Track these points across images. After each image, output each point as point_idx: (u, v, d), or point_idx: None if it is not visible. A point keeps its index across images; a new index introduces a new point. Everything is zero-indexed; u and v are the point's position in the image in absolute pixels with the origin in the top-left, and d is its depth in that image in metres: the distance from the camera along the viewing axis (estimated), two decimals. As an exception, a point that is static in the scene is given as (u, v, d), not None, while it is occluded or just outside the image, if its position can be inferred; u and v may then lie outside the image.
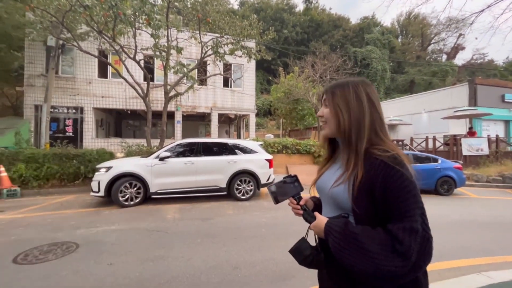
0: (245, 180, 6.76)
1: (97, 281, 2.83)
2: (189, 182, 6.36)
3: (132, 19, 8.19)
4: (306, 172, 9.62)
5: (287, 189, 1.06)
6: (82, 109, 13.48)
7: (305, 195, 1.13)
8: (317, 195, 1.16)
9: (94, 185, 5.89)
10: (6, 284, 2.77)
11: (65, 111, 13.36)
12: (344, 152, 0.97)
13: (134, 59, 9.25)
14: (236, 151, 6.93)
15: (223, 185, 6.56)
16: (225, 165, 6.62)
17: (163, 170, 6.16)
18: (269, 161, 7.10)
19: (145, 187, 6.06)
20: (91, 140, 13.38)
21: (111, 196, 5.83)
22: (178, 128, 15.19)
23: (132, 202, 5.96)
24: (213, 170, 6.55)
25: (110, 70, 13.64)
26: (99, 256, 3.40)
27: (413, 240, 0.75)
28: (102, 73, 13.93)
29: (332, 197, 0.96)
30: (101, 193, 5.79)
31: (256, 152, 7.11)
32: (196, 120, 19.67)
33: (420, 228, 0.77)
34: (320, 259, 1.00)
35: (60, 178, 7.67)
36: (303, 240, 1.04)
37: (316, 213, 0.97)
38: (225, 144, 7.04)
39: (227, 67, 15.59)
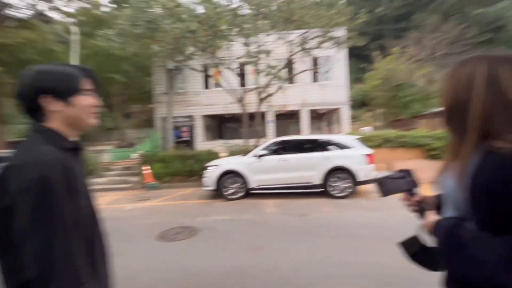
0: (341, 177, 6.45)
1: (215, 261, 3.36)
2: (283, 179, 6.61)
3: (227, 33, 9.20)
4: (415, 167, 8.26)
5: (397, 183, 1.00)
6: (193, 117, 16.14)
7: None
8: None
9: (206, 180, 6.97)
10: (153, 255, 3.66)
11: (182, 120, 16.34)
12: (455, 144, 0.82)
13: (230, 68, 10.35)
14: (329, 147, 6.70)
15: (318, 182, 6.48)
16: (318, 161, 6.51)
17: (260, 167, 6.65)
18: (368, 156, 6.51)
19: (246, 183, 6.70)
20: (201, 143, 15.83)
21: (219, 190, 6.75)
22: (271, 127, 15.96)
23: (235, 196, 6.71)
24: (306, 167, 6.56)
25: (212, 81, 15.75)
26: (215, 241, 4.02)
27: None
28: (206, 85, 16.25)
29: (448, 196, 0.86)
30: (211, 187, 6.80)
31: (352, 147, 6.66)
32: (287, 118, 20.09)
33: None
34: (432, 259, 0.90)
35: (182, 174, 9.45)
36: (415, 236, 0.98)
37: (428, 212, 0.89)
38: (318, 140, 6.92)
39: (315, 61, 15.20)
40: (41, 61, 12.16)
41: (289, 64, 12.27)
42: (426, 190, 1.08)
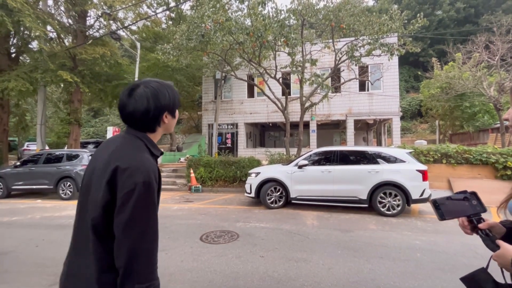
0: (390, 193, 5.96)
1: (253, 268, 3.38)
2: (326, 191, 6.37)
3: (273, 43, 9.40)
4: (482, 188, 7.21)
5: (460, 206, 0.91)
6: (237, 125, 16.69)
7: (487, 216, 0.90)
8: (509, 217, 0.91)
9: (247, 187, 7.09)
10: (196, 254, 3.83)
11: (226, 127, 17.02)
12: None
13: (275, 78, 10.50)
14: (378, 160, 6.27)
15: (363, 196, 6.08)
16: (365, 175, 6.13)
17: (301, 178, 6.53)
18: (423, 172, 5.91)
19: (286, 192, 6.63)
20: (243, 150, 16.22)
21: (259, 198, 6.80)
22: (313, 137, 15.63)
23: (276, 205, 6.68)
24: (352, 180, 6.22)
25: (255, 90, 16.15)
26: (253, 248, 4.05)
27: None
28: (250, 94, 16.72)
29: None
30: (252, 194, 6.88)
31: (404, 162, 6.13)
32: (331, 128, 19.48)
33: None
34: None
35: (224, 179, 9.78)
36: (483, 270, 0.87)
37: (500, 241, 0.80)
38: (364, 152, 6.54)
39: (363, 69, 14.53)
40: (111, 73, 13.96)
41: (335, 73, 11.96)
42: (499, 215, 0.95)
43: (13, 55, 13.50)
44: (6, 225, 5.61)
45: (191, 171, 9.84)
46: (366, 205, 6.10)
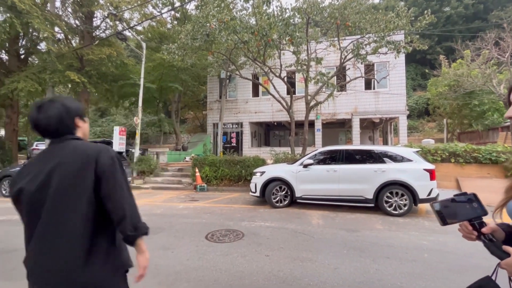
0: (396, 193, 5.89)
1: (258, 267, 3.37)
2: (331, 190, 6.32)
3: (278, 42, 9.36)
4: (490, 188, 7.08)
5: (460, 209, 0.87)
6: (241, 124, 16.70)
7: (488, 219, 0.87)
8: (508, 220, 0.87)
9: (252, 186, 7.09)
10: (201, 253, 3.84)
11: (231, 126, 17.04)
12: None
13: (279, 76, 10.47)
14: (384, 159, 6.20)
15: (369, 196, 6.02)
16: (371, 174, 6.07)
17: (306, 177, 6.50)
18: (430, 171, 5.82)
19: (291, 191, 6.61)
20: (248, 149, 16.23)
21: (265, 197, 6.79)
22: (318, 136, 15.54)
23: (281, 204, 6.67)
24: (357, 179, 6.17)
25: (260, 89, 16.13)
26: (258, 247, 4.04)
27: None
28: (255, 93, 16.70)
29: None
30: (257, 193, 6.88)
31: (411, 161, 6.05)
32: (336, 127, 19.35)
33: None
34: None
35: (229, 179, 9.80)
36: (489, 280, 0.83)
37: (509, 248, 0.76)
38: (371, 151, 6.47)
39: (369, 67, 14.38)
40: (117, 73, 14.11)
41: (340, 71, 11.86)
42: (494, 217, 0.92)
43: (22, 57, 13.74)
44: (15, 223, 5.72)
45: (196, 170, 9.89)
46: (372, 205, 6.04)
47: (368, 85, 15.27)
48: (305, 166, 6.55)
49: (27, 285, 1.17)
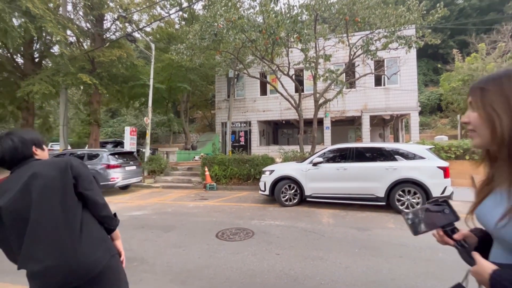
0: (409, 191, 5.78)
1: (269, 266, 3.38)
2: (341, 188, 6.26)
3: (286, 40, 9.30)
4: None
5: (432, 218, 0.88)
6: (250, 123, 16.71)
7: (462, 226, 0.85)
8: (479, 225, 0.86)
9: (261, 185, 7.10)
10: (212, 251, 3.88)
11: (239, 125, 17.08)
12: (505, 172, 0.72)
13: (287, 74, 10.40)
14: (396, 156, 6.08)
15: (381, 194, 5.93)
16: (383, 172, 5.97)
17: (316, 175, 6.45)
18: (444, 169, 5.68)
19: (301, 190, 6.58)
20: (257, 148, 16.24)
21: (274, 195, 6.79)
22: (327, 133, 15.39)
23: (290, 203, 6.65)
24: (368, 177, 6.08)
25: (268, 88, 16.08)
26: (269, 245, 4.05)
27: None
28: (263, 91, 16.67)
29: (499, 238, 0.74)
30: (267, 192, 6.88)
31: (424, 158, 5.91)
32: (345, 125, 19.11)
33: None
34: None
35: (238, 177, 9.84)
36: (459, 287, 0.84)
37: (476, 255, 0.75)
38: (381, 149, 6.36)
39: (379, 64, 14.11)
40: (127, 74, 14.34)
41: (349, 68, 11.69)
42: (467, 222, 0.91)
43: (36, 60, 14.15)
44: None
45: (206, 169, 9.97)
46: (384, 203, 5.95)
47: (378, 82, 15.00)
48: (315, 164, 6.50)
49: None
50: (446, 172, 5.68)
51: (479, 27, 22.70)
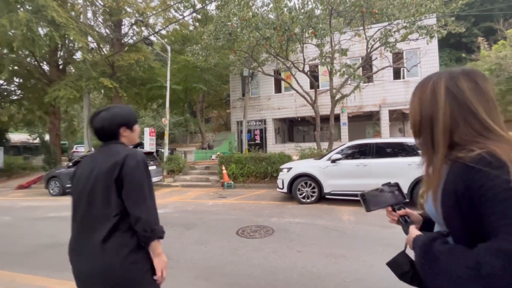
0: (434, 187, 5.55)
1: (291, 263, 3.38)
2: (362, 185, 6.09)
3: (300, 35, 9.19)
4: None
5: (383, 197, 1.02)
6: (265, 121, 16.70)
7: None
8: None
9: (279, 182, 7.09)
10: (233, 248, 3.93)
11: (254, 123, 17.11)
12: (427, 158, 0.86)
13: (303, 71, 10.29)
14: (419, 151, 5.84)
15: (404, 190, 5.72)
16: (405, 168, 5.77)
17: (335, 172, 6.35)
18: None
19: (319, 187, 6.50)
20: (272, 146, 16.21)
21: (292, 193, 6.76)
22: (344, 130, 15.08)
23: (308, 200, 6.59)
24: (390, 174, 5.89)
25: (283, 85, 15.98)
26: (289, 243, 4.04)
27: (500, 264, 0.57)
28: (277, 89, 16.59)
29: (429, 212, 0.88)
30: (285, 189, 6.86)
31: (449, 153, 5.65)
32: (363, 120, 18.62)
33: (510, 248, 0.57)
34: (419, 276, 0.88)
35: (255, 175, 9.88)
36: (402, 254, 0.99)
37: (411, 227, 0.89)
38: (403, 144, 6.15)
39: (398, 56, 13.61)
40: (145, 77, 14.77)
41: (367, 62, 11.37)
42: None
43: (60, 67, 14.90)
44: (64, 219, 6.27)
45: (223, 167, 10.08)
46: (407, 200, 5.73)
47: (397, 75, 14.48)
48: (333, 161, 6.40)
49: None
50: (474, 167, 5.39)
51: (506, 13, 21.28)
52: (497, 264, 0.57)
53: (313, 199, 6.58)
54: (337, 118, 14.40)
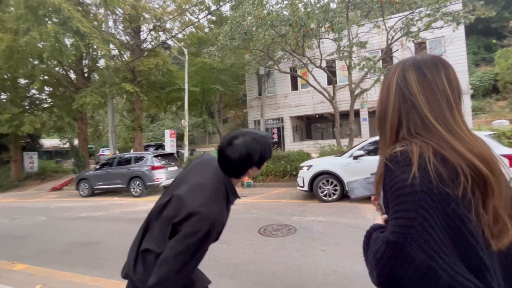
0: (466, 183, 5.22)
1: (315, 262, 3.32)
2: (386, 182, 5.89)
3: (317, 31, 9.01)
4: None
5: (369, 186, 1.05)
6: (282, 119, 16.60)
7: None
8: None
9: (299, 180, 7.00)
10: (256, 247, 3.93)
11: (271, 122, 17.06)
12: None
13: (320, 66, 10.09)
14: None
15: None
16: (433, 163, 5.47)
17: (358, 169, 6.16)
18: (509, 157, 5.01)
19: (342, 184, 6.35)
20: (290, 144, 16.08)
21: (312, 191, 6.66)
22: (365, 125, 14.64)
23: (330, 198, 6.46)
24: (416, 169, 5.63)
25: (299, 82, 15.78)
26: (313, 242, 3.98)
27: (388, 252, 0.62)
28: (294, 86, 16.42)
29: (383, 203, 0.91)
30: (305, 188, 6.77)
31: (482, 146, 5.29)
32: (384, 115, 17.97)
33: (392, 239, 0.61)
34: None
35: (274, 174, 9.84)
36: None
37: (380, 217, 0.88)
38: (430, 138, 5.84)
39: (421, 46, 12.98)
40: (164, 80, 15.17)
41: (387, 54, 10.94)
42: None
43: (86, 74, 15.70)
44: (94, 219, 6.60)
45: (242, 167, 10.13)
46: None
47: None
48: (355, 157, 6.22)
49: (111, 271, 1.35)
50: (511, 160, 5.01)
51: (542, -8, 19.58)
52: (387, 253, 0.63)
53: (335, 197, 6.44)
54: (356, 113, 14.00)
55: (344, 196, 6.47)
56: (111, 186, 10.14)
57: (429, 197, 0.59)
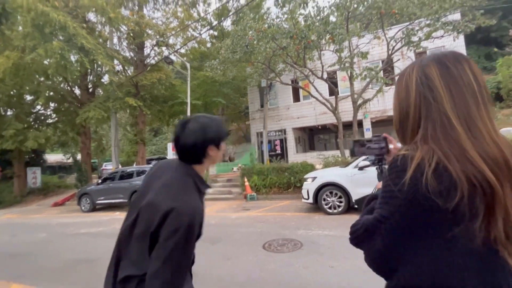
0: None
1: (323, 279, 3.14)
2: (394, 193, 5.72)
3: (317, 42, 9.10)
4: None
5: (370, 148, 1.07)
6: (285, 131, 16.55)
7: None
8: None
9: (304, 192, 6.84)
10: (261, 263, 3.75)
11: (274, 134, 17.01)
12: None
13: (321, 78, 10.12)
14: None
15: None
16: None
17: (364, 180, 6.00)
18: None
19: (348, 196, 6.17)
20: (293, 155, 15.93)
21: (317, 203, 6.48)
22: (368, 135, 14.51)
23: (335, 210, 6.26)
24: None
25: (301, 94, 15.85)
26: (320, 257, 3.80)
27: (357, 223, 0.77)
28: (296, 98, 16.46)
29: None
30: (310, 200, 6.59)
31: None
32: (387, 125, 17.80)
33: (367, 224, 0.72)
34: None
35: (278, 186, 9.66)
36: (370, 195, 1.06)
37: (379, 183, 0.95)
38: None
39: (422, 55, 13.04)
40: (167, 94, 15.33)
41: (388, 64, 10.99)
42: None
43: (90, 90, 15.92)
44: (94, 235, 6.44)
45: (245, 179, 9.99)
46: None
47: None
48: (361, 168, 6.08)
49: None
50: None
51: (539, 2, 19.81)
52: (361, 230, 0.74)
53: (340, 209, 6.25)
54: (360, 124, 13.92)
55: (349, 208, 6.28)
56: (113, 201, 10.01)
57: (410, 205, 0.62)
